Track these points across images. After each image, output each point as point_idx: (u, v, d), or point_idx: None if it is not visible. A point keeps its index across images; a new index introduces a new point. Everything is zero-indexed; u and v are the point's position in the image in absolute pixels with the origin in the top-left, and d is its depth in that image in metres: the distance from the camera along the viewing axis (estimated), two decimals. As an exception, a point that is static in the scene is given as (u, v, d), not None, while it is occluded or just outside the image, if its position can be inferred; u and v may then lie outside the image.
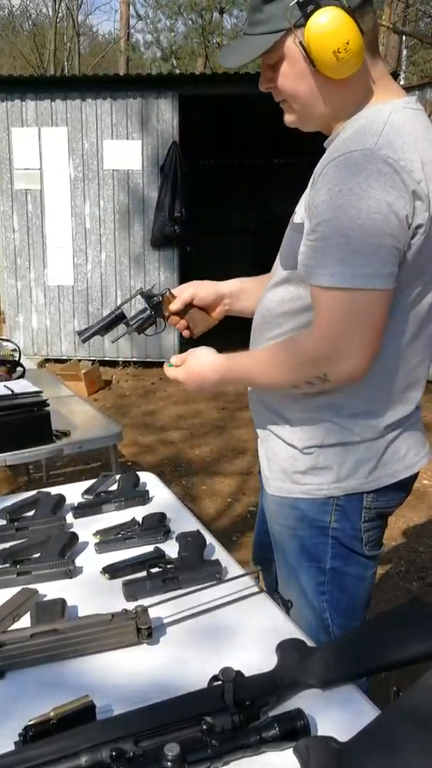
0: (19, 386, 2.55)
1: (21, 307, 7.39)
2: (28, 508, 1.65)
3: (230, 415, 5.62)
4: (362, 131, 1.20)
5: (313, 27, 1.18)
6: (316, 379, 1.26)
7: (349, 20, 1.17)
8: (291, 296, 1.35)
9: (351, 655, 1.06)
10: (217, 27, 17.63)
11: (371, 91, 1.27)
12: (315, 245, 1.22)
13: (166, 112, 6.80)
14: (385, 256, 1.17)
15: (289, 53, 1.25)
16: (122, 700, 1.00)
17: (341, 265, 1.18)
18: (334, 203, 1.17)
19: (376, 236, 1.15)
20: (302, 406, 1.36)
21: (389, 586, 3.09)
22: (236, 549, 3.38)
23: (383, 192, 1.14)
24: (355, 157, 1.16)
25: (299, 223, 1.30)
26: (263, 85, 1.34)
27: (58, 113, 6.91)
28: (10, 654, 1.08)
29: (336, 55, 1.17)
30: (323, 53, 1.18)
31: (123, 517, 1.59)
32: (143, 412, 5.90)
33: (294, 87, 1.28)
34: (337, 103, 1.28)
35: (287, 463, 1.41)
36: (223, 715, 0.90)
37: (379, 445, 1.35)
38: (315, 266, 1.22)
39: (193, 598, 1.25)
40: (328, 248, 1.19)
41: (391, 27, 10.61)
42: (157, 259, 7.11)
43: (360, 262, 1.17)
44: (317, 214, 1.20)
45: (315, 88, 1.26)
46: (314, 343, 1.25)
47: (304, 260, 1.25)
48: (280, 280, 1.37)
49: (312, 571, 1.42)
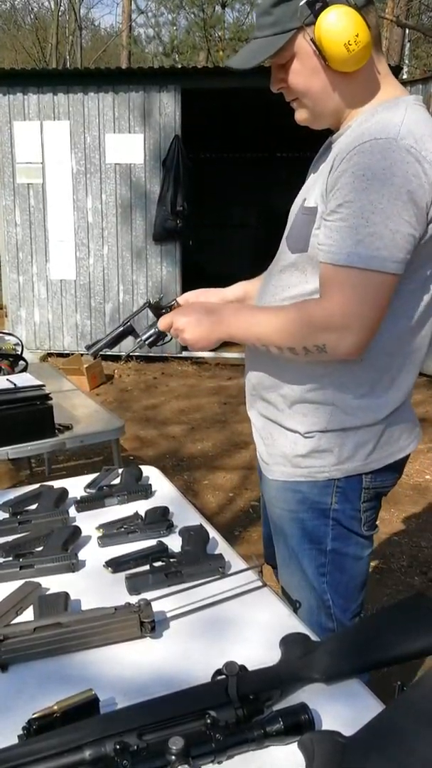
0: (22, 380, 2.55)
1: (23, 301, 7.38)
2: (30, 501, 1.65)
3: (232, 410, 5.62)
4: (384, 121, 1.24)
5: (323, 23, 1.23)
6: (314, 348, 1.29)
7: (356, 15, 1.23)
8: (297, 281, 1.37)
9: (354, 649, 1.06)
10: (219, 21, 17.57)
11: (378, 84, 1.32)
12: (334, 225, 1.25)
13: (168, 106, 6.78)
14: (401, 242, 1.21)
15: (300, 51, 1.29)
16: (126, 693, 1.00)
17: (358, 246, 1.21)
18: (357, 186, 1.21)
19: (395, 222, 1.20)
20: (309, 387, 1.38)
21: (391, 581, 3.10)
22: (238, 543, 3.38)
23: (405, 180, 1.19)
24: (380, 144, 1.20)
25: (312, 207, 1.33)
26: (275, 86, 1.38)
27: (60, 107, 6.89)
28: (13, 647, 1.08)
29: (347, 48, 1.22)
30: (335, 47, 1.23)
31: (126, 511, 1.59)
32: (145, 406, 5.90)
33: (306, 83, 1.32)
34: (348, 97, 1.32)
35: (288, 448, 1.44)
36: (227, 709, 0.90)
37: (377, 429, 1.40)
38: (332, 245, 1.25)
39: (196, 592, 1.25)
40: (347, 229, 1.22)
41: (394, 20, 10.56)
42: (159, 253, 7.10)
43: (377, 244, 1.20)
44: (339, 196, 1.24)
45: (327, 83, 1.31)
46: (321, 312, 1.28)
47: (321, 239, 1.28)
48: (288, 265, 1.40)
49: (313, 554, 1.45)
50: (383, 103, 1.30)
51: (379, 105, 1.30)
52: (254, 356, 1.49)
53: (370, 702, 0.99)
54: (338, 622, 1.47)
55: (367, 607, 1.60)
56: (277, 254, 1.46)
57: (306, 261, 1.34)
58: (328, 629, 1.46)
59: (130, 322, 1.66)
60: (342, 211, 1.23)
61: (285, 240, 1.43)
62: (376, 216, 1.20)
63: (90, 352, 1.70)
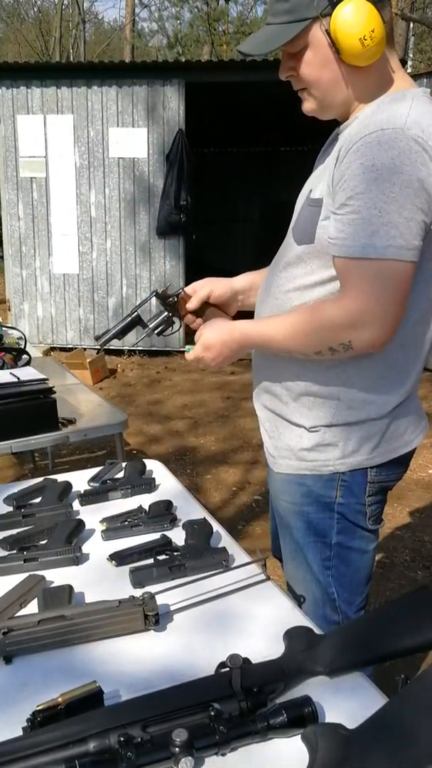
0: (25, 374, 2.55)
1: (26, 295, 7.38)
2: (34, 495, 1.66)
3: (235, 405, 5.62)
4: (390, 112, 1.24)
5: (340, 15, 1.22)
6: (340, 347, 1.28)
7: (373, 9, 1.22)
8: (303, 272, 1.37)
9: (358, 642, 1.06)
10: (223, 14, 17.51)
11: (391, 79, 1.32)
12: (346, 218, 1.24)
13: (172, 100, 6.77)
14: (416, 229, 1.21)
15: (314, 41, 1.28)
16: (130, 686, 1.00)
17: (373, 237, 1.21)
18: (366, 177, 1.21)
19: (408, 210, 1.19)
20: (314, 381, 1.38)
21: (394, 575, 3.10)
22: (242, 538, 3.38)
23: (414, 168, 1.19)
24: (387, 134, 1.20)
25: (318, 198, 1.33)
26: (284, 74, 1.36)
27: (64, 101, 6.88)
28: (17, 640, 1.08)
29: (362, 42, 1.22)
30: (350, 40, 1.22)
31: (129, 504, 1.59)
32: (148, 401, 5.90)
33: (318, 74, 1.31)
34: (358, 90, 1.31)
35: (293, 441, 1.45)
36: (231, 701, 0.90)
37: (382, 423, 1.39)
38: (345, 238, 1.24)
39: (199, 585, 1.25)
40: (360, 220, 1.22)
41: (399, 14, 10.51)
42: (162, 247, 7.10)
43: (392, 233, 1.20)
44: (348, 188, 1.23)
45: (339, 75, 1.30)
46: (342, 310, 1.27)
47: (333, 233, 1.27)
48: (294, 256, 1.39)
49: (318, 547, 1.46)
50: (390, 95, 1.30)
51: (386, 97, 1.29)
52: (260, 351, 1.49)
53: (374, 695, 0.99)
54: (343, 615, 1.48)
55: (371, 601, 1.61)
56: (282, 246, 1.46)
57: (312, 253, 1.34)
58: (333, 622, 1.46)
59: (138, 312, 1.67)
60: (353, 203, 1.22)
61: (291, 231, 1.42)
62: (389, 205, 1.19)
63: (99, 343, 1.71)
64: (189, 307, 1.61)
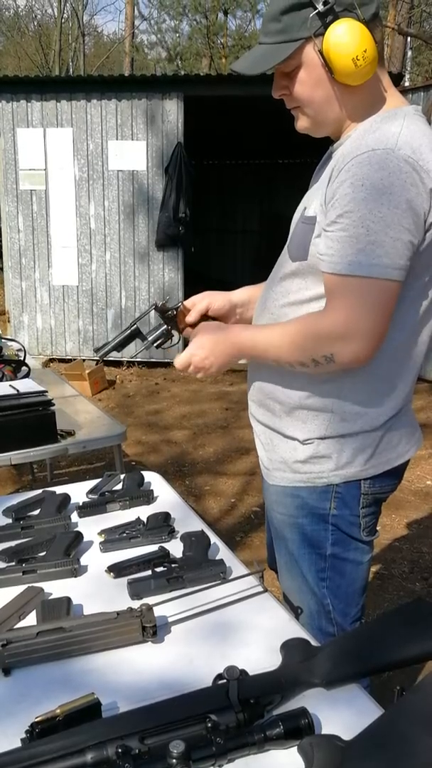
0: (24, 386, 2.56)
1: (26, 306, 7.40)
2: (33, 507, 1.66)
3: (234, 415, 5.63)
4: (382, 132, 1.26)
5: (332, 36, 1.24)
6: (323, 359, 1.30)
7: (365, 30, 1.24)
8: (297, 287, 1.39)
9: (355, 654, 1.06)
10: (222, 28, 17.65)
11: (383, 97, 1.34)
12: (335, 235, 1.26)
13: (171, 113, 6.81)
14: (402, 249, 1.23)
15: (307, 61, 1.30)
16: (127, 697, 1.01)
17: (360, 255, 1.23)
18: (356, 196, 1.23)
19: (395, 230, 1.21)
20: (308, 394, 1.40)
21: (392, 587, 3.10)
22: (240, 549, 3.39)
23: (403, 189, 1.21)
24: (378, 155, 1.22)
25: (312, 216, 1.35)
26: (277, 93, 1.38)
27: (63, 114, 6.93)
28: (16, 652, 1.08)
29: (355, 63, 1.24)
30: (342, 60, 1.24)
31: (128, 516, 1.60)
32: (147, 411, 5.91)
33: (311, 94, 1.33)
34: (350, 108, 1.33)
35: (287, 454, 1.46)
36: (228, 713, 0.91)
37: (376, 435, 1.41)
38: (334, 255, 1.27)
39: (197, 597, 1.25)
40: (348, 238, 1.24)
41: (396, 28, 10.60)
42: (161, 259, 7.12)
43: (378, 252, 1.22)
44: (338, 206, 1.25)
45: (331, 94, 1.32)
46: (327, 323, 1.30)
47: (323, 249, 1.29)
48: (288, 272, 1.41)
49: (313, 558, 1.47)
50: (382, 114, 1.32)
51: (378, 116, 1.31)
52: (255, 364, 1.50)
53: (370, 707, 1.00)
54: (339, 626, 1.48)
55: (368, 612, 1.61)
56: (278, 262, 1.48)
57: (306, 269, 1.36)
58: (329, 634, 1.47)
59: (137, 325, 1.69)
60: (342, 221, 1.25)
61: (286, 248, 1.45)
62: (376, 225, 1.21)
63: (98, 355, 1.72)
64: (188, 320, 1.63)
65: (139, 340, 1.70)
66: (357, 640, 1.13)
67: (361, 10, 1.25)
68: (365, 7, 1.26)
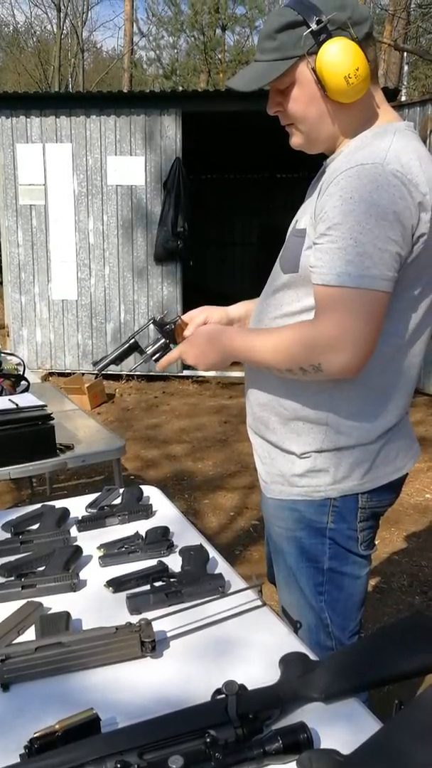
0: (24, 400, 2.56)
1: (25, 320, 7.42)
2: (32, 521, 1.67)
3: (233, 429, 5.63)
4: (372, 147, 1.28)
5: (326, 54, 1.27)
6: (310, 367, 1.32)
7: (357, 49, 1.27)
8: (290, 299, 1.41)
9: (354, 668, 1.06)
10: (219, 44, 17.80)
11: (375, 114, 1.36)
12: (324, 247, 1.28)
13: (169, 129, 6.86)
14: (389, 260, 1.24)
15: (300, 78, 1.33)
16: (126, 713, 1.01)
17: (348, 266, 1.24)
18: (345, 209, 1.24)
19: (382, 241, 1.23)
20: (303, 406, 1.41)
21: (392, 600, 3.09)
22: (239, 563, 3.38)
23: (391, 202, 1.22)
24: (367, 169, 1.24)
25: (302, 229, 1.37)
26: (271, 110, 1.41)
27: (63, 130, 6.98)
28: (15, 667, 1.08)
29: (347, 80, 1.26)
30: (335, 78, 1.27)
31: (126, 530, 1.60)
32: (146, 425, 5.91)
33: (304, 111, 1.36)
34: (343, 125, 1.36)
35: (285, 467, 1.47)
36: (227, 728, 0.91)
37: (373, 448, 1.41)
38: (323, 266, 1.28)
39: (196, 611, 1.25)
40: (337, 250, 1.26)
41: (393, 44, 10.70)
42: (160, 273, 7.15)
43: (366, 264, 1.24)
44: (327, 219, 1.27)
45: (324, 111, 1.34)
46: (315, 333, 1.31)
47: (313, 261, 1.31)
48: (281, 285, 1.43)
49: (310, 572, 1.47)
50: (374, 129, 1.34)
51: (369, 132, 1.34)
52: (252, 376, 1.52)
53: (369, 721, 1.00)
54: (337, 640, 1.48)
55: (368, 626, 1.61)
56: (271, 274, 1.50)
57: (298, 281, 1.38)
58: (327, 648, 1.46)
59: (135, 338, 1.70)
60: (331, 233, 1.26)
61: (278, 261, 1.46)
62: (364, 236, 1.23)
63: (97, 369, 1.73)
64: (186, 334, 1.64)
65: (137, 353, 1.71)
66: (356, 655, 1.13)
67: (354, 29, 1.28)
68: (358, 27, 1.28)
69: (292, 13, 1.29)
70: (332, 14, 1.27)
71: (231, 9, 17.17)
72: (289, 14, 1.30)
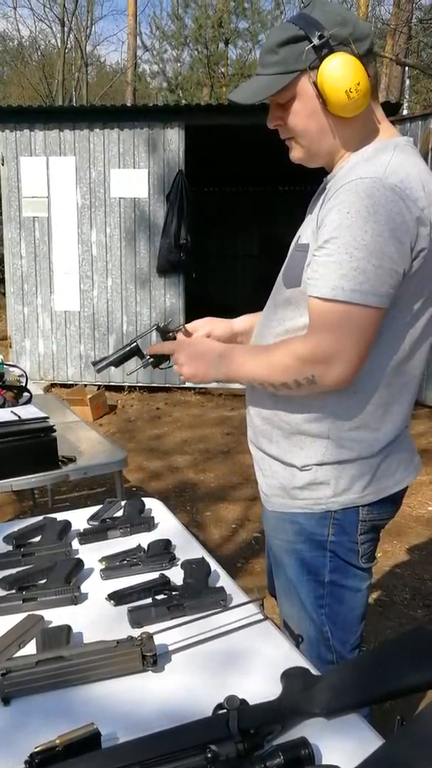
0: (26, 412, 2.57)
1: (28, 332, 7.44)
2: (34, 533, 1.67)
3: (236, 441, 5.63)
4: (371, 162, 1.29)
5: (327, 69, 1.28)
6: (305, 380, 1.33)
7: (359, 64, 1.28)
8: (292, 314, 1.41)
9: (356, 683, 1.06)
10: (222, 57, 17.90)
11: (376, 129, 1.38)
12: (320, 260, 1.29)
13: (172, 142, 6.90)
14: (384, 276, 1.25)
15: (301, 92, 1.34)
16: (127, 727, 1.00)
17: (342, 280, 1.25)
18: (342, 223, 1.25)
19: (377, 257, 1.23)
20: (303, 420, 1.41)
21: (394, 614, 3.08)
22: (241, 576, 3.37)
23: (388, 217, 1.23)
24: (365, 183, 1.25)
25: (305, 244, 1.38)
26: (272, 123, 1.42)
27: (66, 143, 7.02)
28: (15, 681, 1.08)
29: (348, 95, 1.27)
30: (336, 92, 1.28)
31: (128, 543, 1.60)
32: (149, 436, 5.91)
33: (305, 125, 1.36)
34: (343, 139, 1.37)
35: (285, 480, 1.47)
36: (228, 743, 0.91)
37: (374, 461, 1.42)
38: (318, 279, 1.29)
39: (198, 625, 1.25)
40: (332, 263, 1.26)
41: (394, 59, 10.77)
42: (162, 285, 7.17)
43: (360, 279, 1.24)
44: (326, 232, 1.28)
45: (325, 126, 1.35)
46: (307, 346, 1.32)
47: (309, 273, 1.32)
48: (283, 299, 1.44)
49: (311, 585, 1.47)
50: (375, 145, 1.35)
51: (370, 147, 1.35)
52: (252, 389, 1.52)
53: (371, 736, 0.99)
54: (337, 654, 1.47)
55: (370, 639, 1.61)
56: (273, 289, 1.50)
57: (299, 295, 1.38)
58: (328, 661, 1.46)
59: (137, 343, 1.69)
60: (328, 246, 1.27)
61: (281, 275, 1.47)
62: (359, 251, 1.23)
63: (96, 369, 1.72)
64: None
65: (138, 358, 1.70)
66: (358, 669, 1.12)
67: (355, 45, 1.29)
68: (359, 43, 1.30)
69: (294, 28, 1.31)
70: (334, 30, 1.28)
71: (234, 23, 17.29)
72: (291, 29, 1.31)
